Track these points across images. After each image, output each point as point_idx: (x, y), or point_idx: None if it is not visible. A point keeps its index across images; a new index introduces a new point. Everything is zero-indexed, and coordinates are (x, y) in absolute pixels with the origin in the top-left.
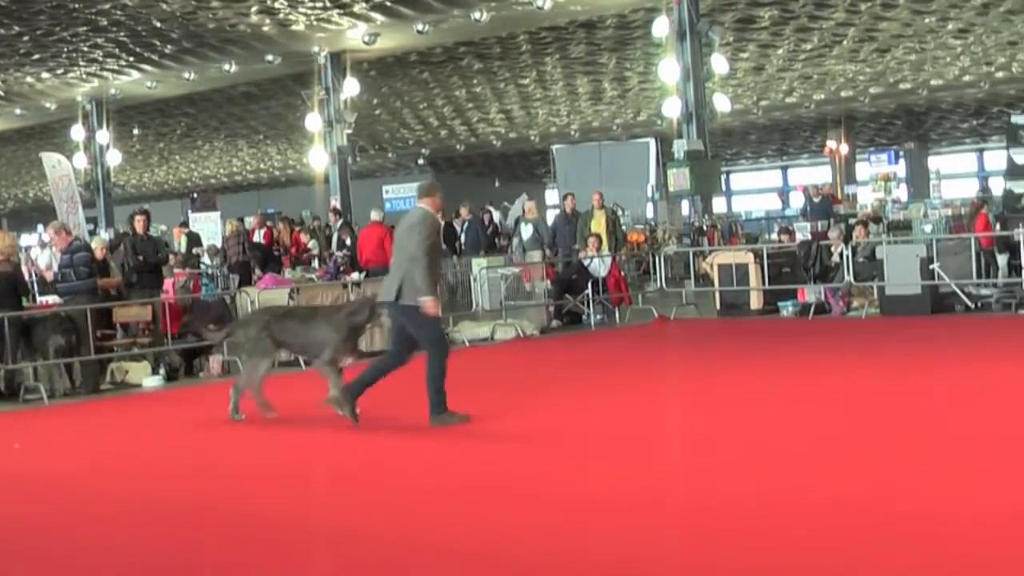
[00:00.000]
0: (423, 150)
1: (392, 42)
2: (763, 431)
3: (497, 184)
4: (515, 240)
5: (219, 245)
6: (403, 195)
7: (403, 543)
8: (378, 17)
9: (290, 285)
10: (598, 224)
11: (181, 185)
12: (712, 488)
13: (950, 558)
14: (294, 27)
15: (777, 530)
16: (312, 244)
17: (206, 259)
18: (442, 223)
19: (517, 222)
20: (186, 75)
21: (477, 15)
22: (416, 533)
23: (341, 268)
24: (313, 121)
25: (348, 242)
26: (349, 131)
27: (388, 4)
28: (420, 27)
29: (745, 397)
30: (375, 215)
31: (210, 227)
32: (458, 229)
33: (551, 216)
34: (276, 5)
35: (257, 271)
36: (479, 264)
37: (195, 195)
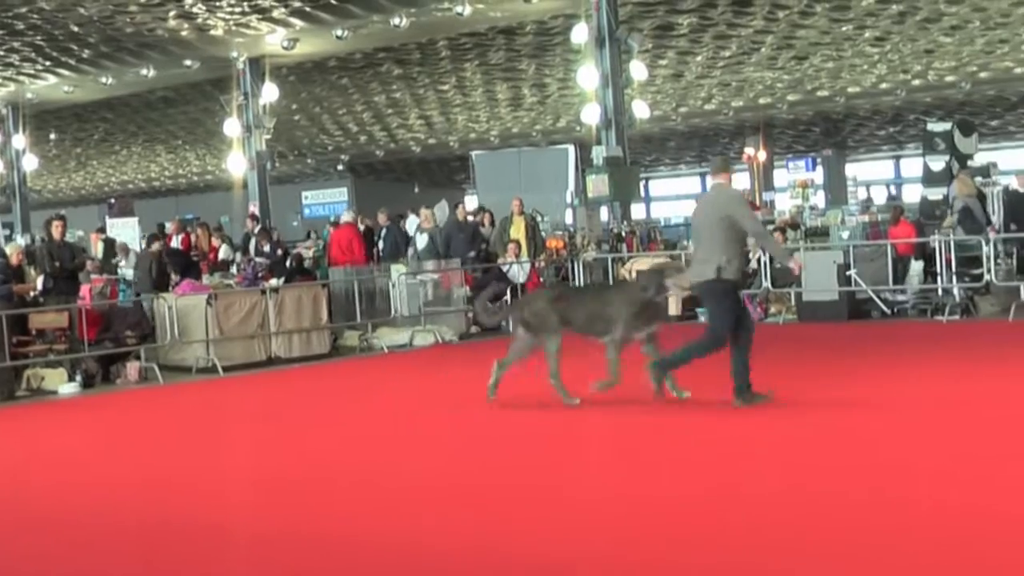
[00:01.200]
0: (342, 156)
1: (311, 47)
2: (678, 434)
3: (417, 190)
4: (411, 250)
5: (134, 248)
6: (322, 201)
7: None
8: (297, 22)
9: (208, 291)
10: (517, 230)
11: (99, 190)
12: (616, 486)
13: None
14: (212, 32)
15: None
16: (224, 250)
17: (123, 264)
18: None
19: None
20: (104, 80)
21: (397, 21)
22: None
23: (259, 274)
24: (231, 126)
25: (267, 248)
26: (268, 137)
27: (307, 9)
28: (339, 33)
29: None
30: (347, 216)
31: (128, 232)
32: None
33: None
34: (194, 10)
35: (174, 277)
36: (398, 270)
37: (113, 201)
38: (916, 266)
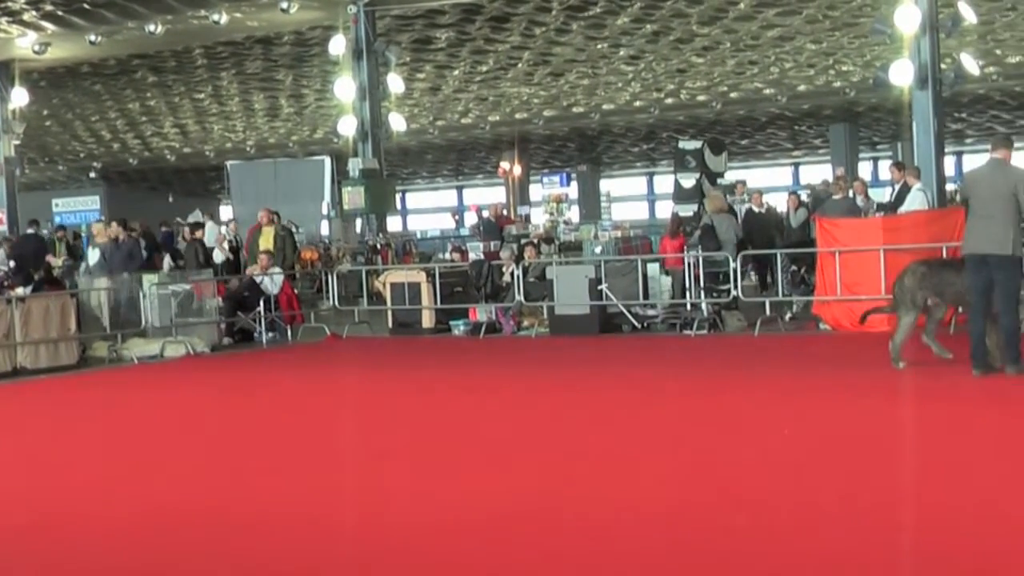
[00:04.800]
0: (95, 163)
1: (63, 52)
2: (425, 443)
3: (171, 199)
4: (83, 265)
5: None
6: (74, 208)
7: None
8: (49, 26)
9: None
10: (267, 241)
11: None
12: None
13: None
14: None
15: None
16: None
17: None
18: None
19: (87, 245)
20: None
21: (152, 27)
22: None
23: (4, 284)
24: None
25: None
26: (17, 142)
27: (60, 13)
28: (93, 38)
29: (403, 412)
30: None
31: None
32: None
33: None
34: None
35: None
36: (150, 280)
37: None
38: (665, 281)
